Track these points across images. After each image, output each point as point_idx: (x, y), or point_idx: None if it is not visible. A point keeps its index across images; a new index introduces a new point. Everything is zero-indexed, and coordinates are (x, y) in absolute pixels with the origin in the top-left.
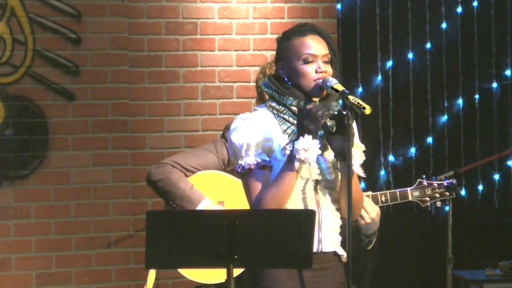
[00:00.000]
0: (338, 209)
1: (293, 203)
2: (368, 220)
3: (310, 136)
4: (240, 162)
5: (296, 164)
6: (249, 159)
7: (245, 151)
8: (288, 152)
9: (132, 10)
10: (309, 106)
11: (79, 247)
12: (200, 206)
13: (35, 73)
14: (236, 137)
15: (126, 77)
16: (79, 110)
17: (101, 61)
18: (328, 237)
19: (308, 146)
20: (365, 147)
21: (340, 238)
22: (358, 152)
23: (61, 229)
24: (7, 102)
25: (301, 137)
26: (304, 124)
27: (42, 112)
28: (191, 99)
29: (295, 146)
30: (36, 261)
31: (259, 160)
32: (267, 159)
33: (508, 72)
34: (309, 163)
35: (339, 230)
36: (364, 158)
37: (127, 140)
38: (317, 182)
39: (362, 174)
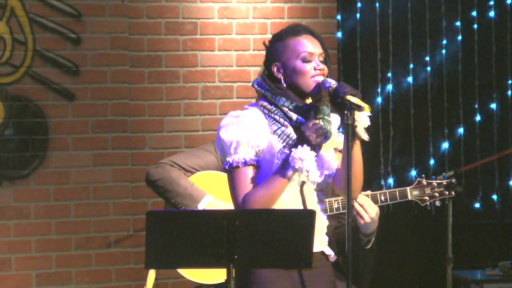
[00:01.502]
0: (325, 210)
1: (279, 203)
2: (367, 219)
3: (308, 148)
4: (228, 159)
5: (290, 172)
6: (237, 157)
7: (234, 148)
8: (283, 156)
9: (132, 10)
10: (314, 121)
11: (79, 247)
12: (202, 203)
13: (35, 73)
14: (225, 134)
15: (126, 77)
16: (79, 110)
17: (101, 61)
18: (315, 238)
19: (305, 156)
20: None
21: (327, 238)
22: (362, 116)
23: (61, 229)
24: (7, 102)
25: (299, 146)
26: (306, 135)
27: (42, 112)
28: (191, 99)
29: (292, 154)
30: (36, 261)
31: (247, 159)
32: (255, 158)
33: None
34: (302, 172)
35: (325, 230)
36: (368, 122)
37: (127, 140)
38: (304, 183)
39: (366, 138)
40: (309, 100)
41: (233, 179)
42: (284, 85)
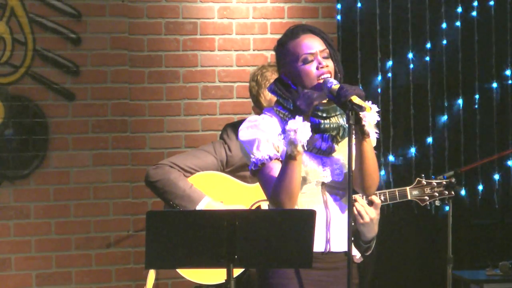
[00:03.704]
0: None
1: (300, 204)
2: (367, 219)
3: (301, 118)
4: (252, 159)
5: (289, 147)
6: (260, 154)
7: (256, 147)
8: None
9: (132, 10)
10: (306, 90)
11: (79, 247)
12: (201, 204)
13: (35, 73)
14: (244, 136)
15: (126, 77)
16: (79, 110)
17: (101, 61)
18: (337, 237)
19: (297, 127)
20: None
21: (351, 238)
22: (370, 114)
23: (61, 229)
24: (7, 102)
25: (292, 119)
26: (297, 104)
27: (42, 112)
28: (191, 99)
29: (286, 127)
30: (36, 261)
31: (271, 154)
32: (278, 154)
33: (508, 72)
34: (302, 145)
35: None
36: (377, 118)
37: (127, 140)
38: (325, 184)
39: (375, 135)
40: (324, 100)
41: (261, 176)
42: (295, 88)
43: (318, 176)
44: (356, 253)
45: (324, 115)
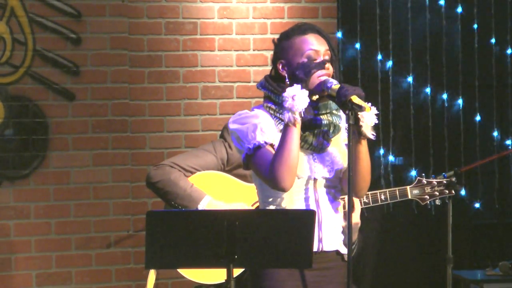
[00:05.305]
0: (339, 208)
1: (292, 202)
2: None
3: (299, 86)
4: (247, 145)
5: (286, 114)
6: (256, 139)
7: (252, 132)
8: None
9: (132, 10)
10: (303, 60)
11: (79, 247)
12: (202, 204)
13: (35, 73)
14: (238, 125)
15: (126, 77)
16: (79, 110)
17: (101, 61)
18: (329, 236)
19: (295, 93)
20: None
21: (342, 237)
22: (369, 115)
23: (61, 229)
24: (7, 102)
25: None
26: (296, 73)
27: (42, 112)
28: (191, 99)
29: (283, 94)
30: (36, 261)
31: (267, 140)
32: (272, 141)
33: (508, 71)
34: (298, 113)
35: (341, 229)
36: (375, 120)
37: (127, 140)
38: (316, 181)
39: (372, 137)
40: (314, 97)
41: (256, 159)
42: (288, 83)
43: (309, 172)
44: (345, 251)
45: (315, 112)
